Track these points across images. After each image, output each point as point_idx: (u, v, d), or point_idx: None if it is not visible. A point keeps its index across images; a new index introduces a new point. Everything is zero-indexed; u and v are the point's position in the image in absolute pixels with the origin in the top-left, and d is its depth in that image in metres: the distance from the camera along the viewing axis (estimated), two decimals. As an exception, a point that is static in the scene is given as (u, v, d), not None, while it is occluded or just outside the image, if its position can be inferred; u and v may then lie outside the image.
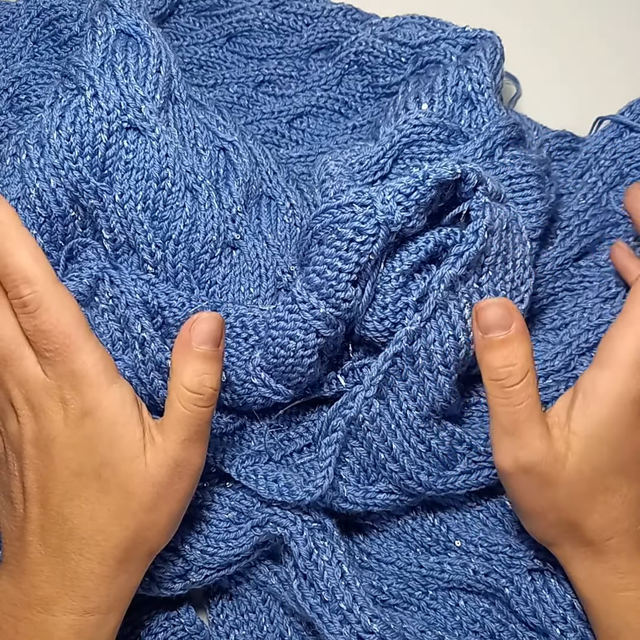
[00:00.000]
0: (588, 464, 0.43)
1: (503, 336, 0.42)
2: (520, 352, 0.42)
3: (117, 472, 0.43)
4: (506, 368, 0.42)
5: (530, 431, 0.42)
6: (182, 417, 0.43)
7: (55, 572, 0.44)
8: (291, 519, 0.49)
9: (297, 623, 0.51)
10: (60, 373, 0.43)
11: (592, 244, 0.58)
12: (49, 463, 0.44)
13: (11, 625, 0.43)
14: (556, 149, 0.61)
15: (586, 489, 0.43)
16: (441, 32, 0.59)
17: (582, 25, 0.67)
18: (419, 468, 0.48)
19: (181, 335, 0.43)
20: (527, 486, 0.43)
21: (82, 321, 0.43)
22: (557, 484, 0.43)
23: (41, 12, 0.63)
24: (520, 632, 0.49)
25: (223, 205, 0.53)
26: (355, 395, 0.47)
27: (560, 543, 0.45)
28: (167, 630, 0.51)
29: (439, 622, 0.50)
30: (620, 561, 0.43)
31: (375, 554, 0.52)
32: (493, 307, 0.43)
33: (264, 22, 0.64)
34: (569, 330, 0.55)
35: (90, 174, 0.51)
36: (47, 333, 0.42)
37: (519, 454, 0.43)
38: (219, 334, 0.44)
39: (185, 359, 0.43)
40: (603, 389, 0.43)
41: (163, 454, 0.43)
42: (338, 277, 0.46)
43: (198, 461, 0.45)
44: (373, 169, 0.54)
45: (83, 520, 0.43)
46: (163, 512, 0.44)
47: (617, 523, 0.43)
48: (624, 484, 0.43)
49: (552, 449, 0.42)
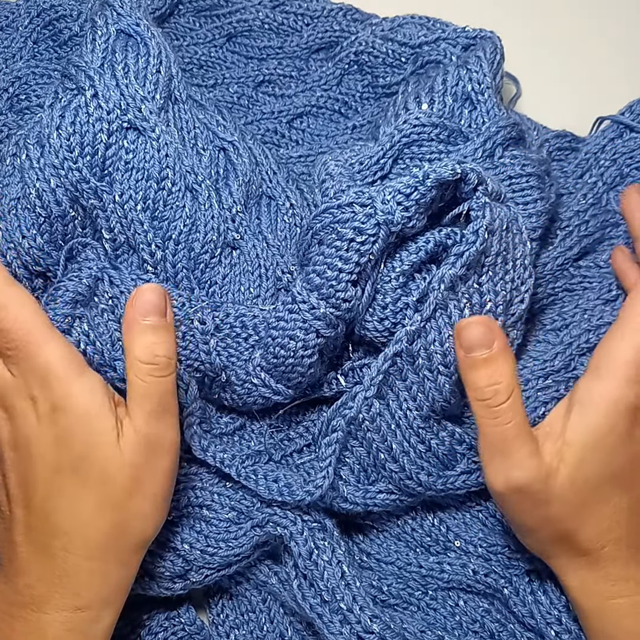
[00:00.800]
0: (581, 475, 0.42)
1: (486, 355, 0.42)
2: (505, 369, 0.42)
3: (94, 463, 0.43)
4: (492, 387, 0.42)
5: (521, 449, 0.42)
6: (142, 390, 0.43)
7: (45, 570, 0.44)
8: (291, 519, 0.49)
9: (297, 623, 0.52)
10: (25, 370, 0.43)
11: (592, 244, 0.58)
12: (28, 463, 0.44)
13: (8, 623, 0.44)
14: (556, 149, 0.61)
15: (579, 499, 0.43)
16: (441, 32, 0.59)
17: (582, 25, 0.67)
18: (419, 468, 0.48)
19: (126, 314, 0.44)
20: (520, 505, 0.43)
21: (42, 317, 0.44)
22: (550, 500, 0.42)
23: (41, 12, 0.63)
24: (519, 632, 0.49)
25: (223, 205, 0.53)
26: (355, 395, 0.47)
27: (555, 555, 0.45)
28: (167, 630, 0.51)
29: (439, 622, 0.51)
30: (614, 569, 0.43)
31: (375, 554, 0.52)
32: (474, 326, 0.43)
33: (264, 22, 0.64)
34: (569, 330, 0.55)
35: (90, 174, 0.51)
36: (6, 332, 0.43)
37: (511, 474, 0.42)
38: (163, 304, 0.44)
39: (133, 334, 0.43)
40: (600, 397, 0.43)
41: (133, 433, 0.43)
42: (338, 277, 0.46)
43: (170, 435, 0.45)
44: (373, 169, 0.54)
45: (66, 515, 0.44)
46: (146, 496, 0.44)
47: (610, 532, 0.43)
48: (616, 493, 0.43)
49: (544, 464, 0.42)
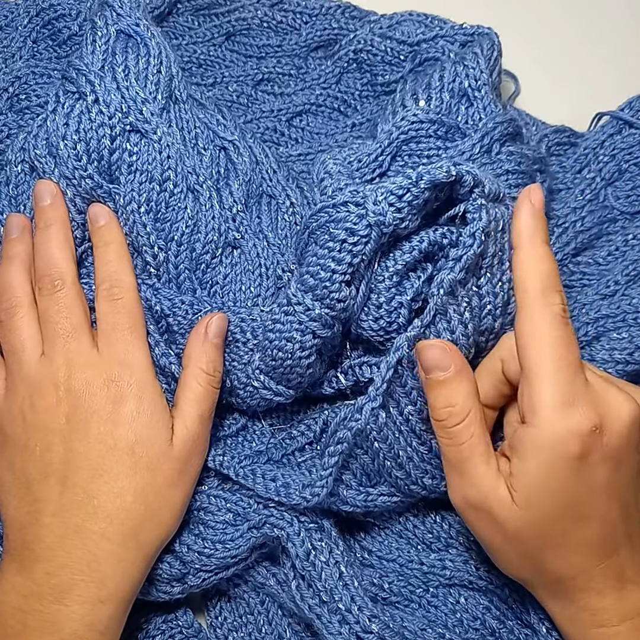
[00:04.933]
0: (536, 513, 0.41)
1: (442, 377, 0.42)
2: (461, 392, 0.42)
3: (149, 451, 0.46)
4: (446, 409, 0.42)
5: (474, 469, 0.42)
6: (199, 395, 0.48)
7: (72, 556, 0.44)
8: (288, 520, 0.49)
9: (295, 624, 0.52)
10: (115, 354, 0.47)
11: (589, 240, 0.58)
12: (83, 437, 0.45)
13: (19, 619, 0.44)
14: (555, 144, 0.61)
15: (538, 533, 0.42)
16: (439, 30, 0.59)
17: (580, 22, 0.67)
18: (423, 472, 0.48)
19: (198, 329, 0.49)
20: (480, 522, 0.43)
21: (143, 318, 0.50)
22: (505, 524, 0.42)
23: (40, 11, 0.63)
24: (517, 629, 0.50)
25: (224, 204, 0.54)
26: (362, 407, 0.46)
27: (530, 582, 0.45)
28: (165, 633, 0.51)
29: (440, 619, 0.51)
30: (591, 599, 0.43)
31: (376, 551, 0.52)
32: (430, 349, 0.43)
33: (263, 20, 0.64)
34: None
35: (102, 179, 0.51)
36: (127, 315, 0.49)
37: (466, 492, 0.43)
38: (225, 330, 0.50)
39: (203, 348, 0.49)
40: (531, 444, 0.41)
41: (185, 430, 0.48)
42: (332, 278, 0.46)
43: (207, 438, 0.50)
44: (371, 166, 0.54)
45: (110, 497, 0.45)
46: (181, 490, 0.48)
47: (577, 564, 0.42)
48: (577, 527, 0.42)
49: (497, 488, 0.42)
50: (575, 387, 0.41)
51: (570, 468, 0.41)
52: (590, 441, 0.40)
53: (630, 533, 0.43)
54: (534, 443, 0.41)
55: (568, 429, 0.40)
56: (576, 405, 0.40)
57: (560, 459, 0.40)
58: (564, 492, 0.41)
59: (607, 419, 0.41)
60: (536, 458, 0.41)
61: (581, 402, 0.41)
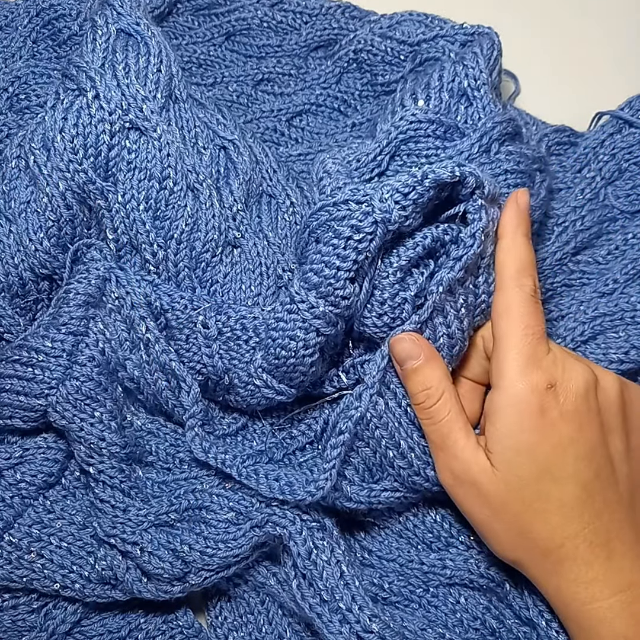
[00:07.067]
0: (513, 475, 0.44)
1: (415, 365, 0.46)
2: (433, 375, 0.46)
3: None
4: (423, 392, 0.46)
5: (455, 443, 0.46)
6: None
7: None
8: (290, 518, 0.49)
9: (295, 624, 0.52)
10: None
11: (589, 239, 0.58)
12: None
13: None
14: (555, 144, 0.61)
15: (519, 497, 0.45)
16: (439, 30, 0.59)
17: (580, 21, 0.67)
18: (425, 463, 0.48)
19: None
20: (468, 498, 0.46)
21: None
22: (489, 492, 0.45)
23: (40, 11, 0.64)
24: (515, 628, 0.50)
25: (224, 203, 0.54)
26: (360, 394, 0.47)
27: (521, 558, 0.46)
28: (165, 634, 0.51)
29: (440, 619, 0.51)
30: (580, 570, 0.44)
31: (376, 551, 0.53)
32: (401, 342, 0.47)
33: (263, 20, 0.64)
34: (565, 322, 0.55)
35: (96, 175, 0.51)
36: None
37: (451, 465, 0.46)
38: None
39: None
40: (497, 405, 0.45)
41: None
42: (336, 275, 0.46)
43: None
44: (370, 165, 0.54)
45: None
46: None
47: (562, 528, 0.44)
48: (554, 487, 0.44)
49: (478, 458, 0.45)
50: (537, 353, 0.45)
51: (534, 425, 0.44)
52: (547, 398, 0.44)
53: (608, 498, 0.45)
54: (500, 404, 0.45)
55: (526, 386, 0.44)
56: (536, 368, 0.45)
57: (524, 417, 0.44)
58: (532, 450, 0.44)
59: (562, 381, 0.45)
60: (503, 418, 0.45)
61: (541, 364, 0.45)
